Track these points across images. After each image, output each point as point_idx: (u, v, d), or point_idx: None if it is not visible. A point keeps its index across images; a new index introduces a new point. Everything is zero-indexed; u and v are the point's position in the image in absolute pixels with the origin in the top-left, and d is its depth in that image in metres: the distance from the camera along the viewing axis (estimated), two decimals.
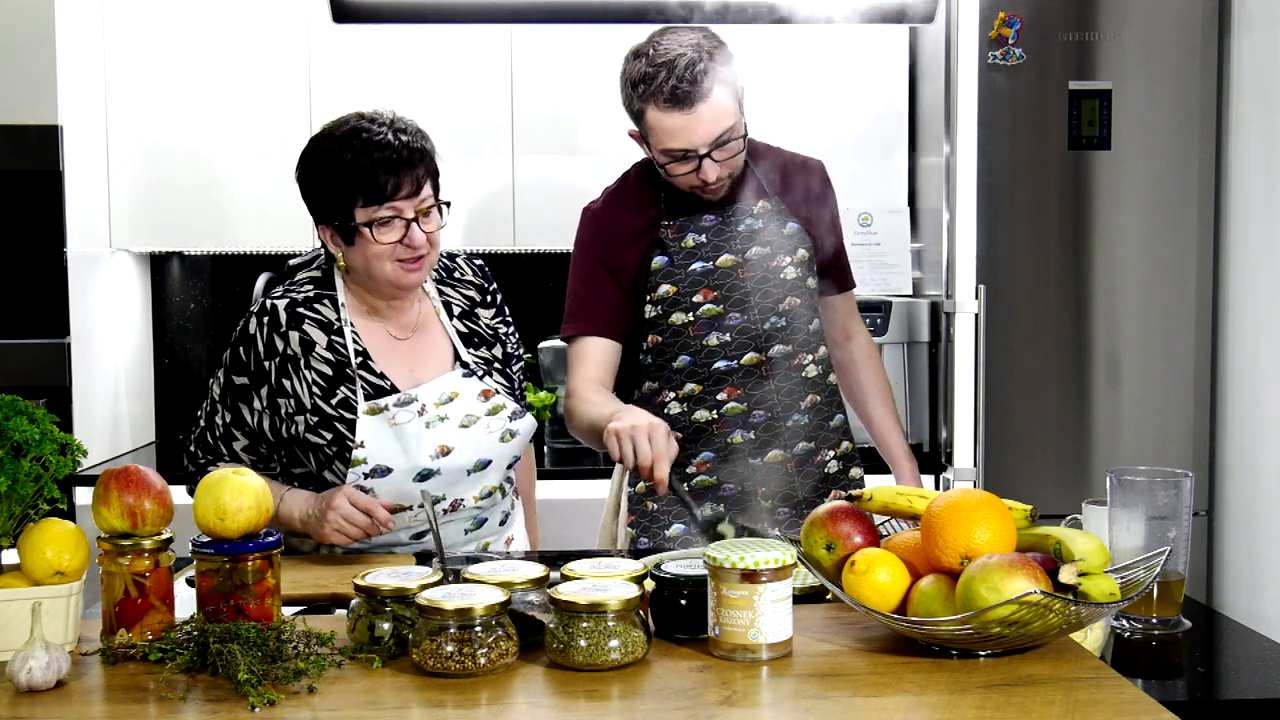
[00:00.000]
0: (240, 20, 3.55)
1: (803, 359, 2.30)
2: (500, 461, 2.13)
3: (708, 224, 2.27)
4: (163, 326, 3.93)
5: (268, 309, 2.06)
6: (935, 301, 3.40)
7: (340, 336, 2.06)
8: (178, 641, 1.46)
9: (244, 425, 2.08)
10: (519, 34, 3.57)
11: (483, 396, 2.11)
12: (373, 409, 2.03)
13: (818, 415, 2.32)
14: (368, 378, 2.06)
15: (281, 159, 3.56)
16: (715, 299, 2.25)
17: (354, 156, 1.98)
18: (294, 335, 2.05)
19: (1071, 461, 3.25)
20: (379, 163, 1.97)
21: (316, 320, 2.07)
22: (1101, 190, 3.22)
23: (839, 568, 1.59)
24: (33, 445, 1.51)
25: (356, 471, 2.02)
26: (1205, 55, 3.21)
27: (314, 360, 2.05)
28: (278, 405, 2.05)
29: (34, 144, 3.24)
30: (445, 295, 2.19)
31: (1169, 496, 1.64)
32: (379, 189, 1.97)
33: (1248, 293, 3.17)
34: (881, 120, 3.66)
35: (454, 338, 2.15)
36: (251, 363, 2.05)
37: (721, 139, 2.15)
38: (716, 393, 2.26)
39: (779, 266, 2.28)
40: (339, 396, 2.04)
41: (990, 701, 1.33)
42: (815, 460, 2.31)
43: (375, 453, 2.02)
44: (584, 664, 1.43)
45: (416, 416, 2.04)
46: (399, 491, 2.04)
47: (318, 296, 2.09)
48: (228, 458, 2.10)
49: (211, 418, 2.10)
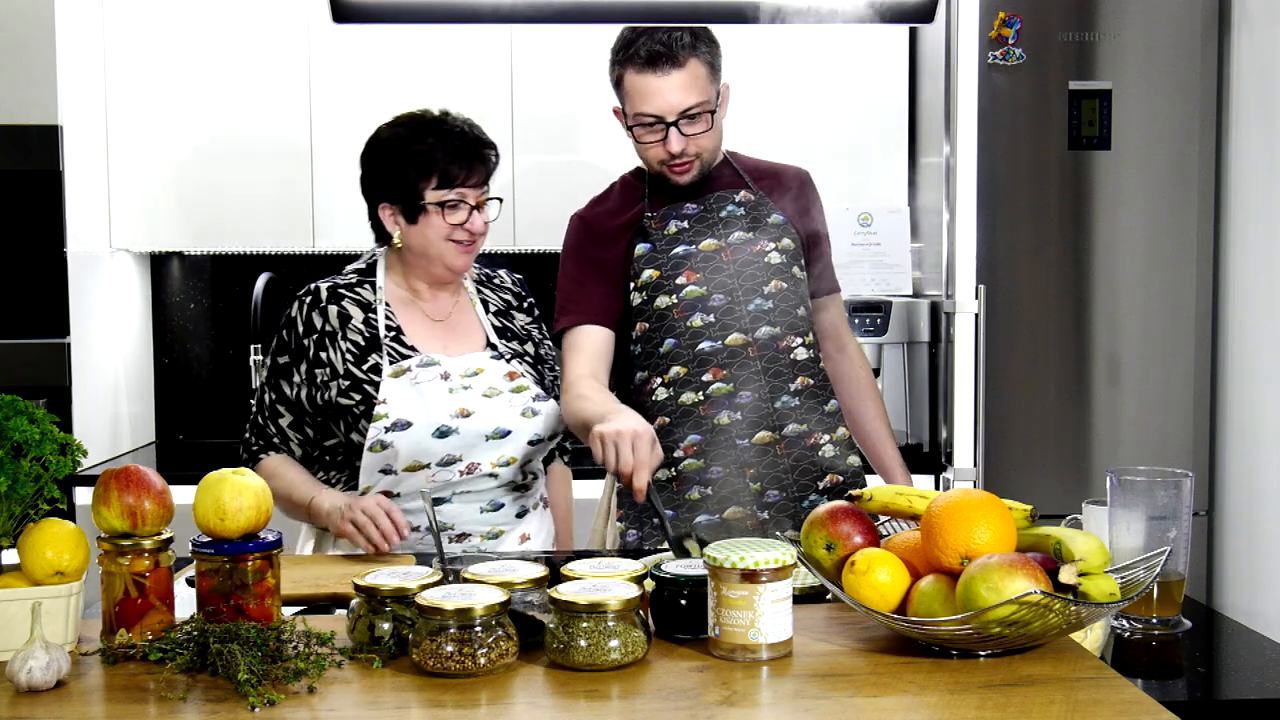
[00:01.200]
0: (240, 20, 3.55)
1: (791, 341, 2.29)
2: (520, 435, 2.22)
3: (690, 212, 2.30)
4: (163, 326, 3.93)
5: (311, 290, 2.26)
6: (935, 301, 3.41)
7: (375, 314, 2.24)
8: (178, 641, 1.46)
9: (287, 401, 2.24)
10: (519, 34, 3.57)
11: (509, 377, 2.25)
12: (397, 370, 2.19)
13: (811, 398, 2.30)
14: (398, 349, 2.22)
15: (281, 159, 3.58)
16: (698, 280, 2.27)
17: (433, 142, 2.20)
18: (333, 310, 2.23)
19: (1071, 461, 3.25)
20: (455, 151, 2.20)
21: (355, 300, 2.26)
22: (1101, 190, 3.22)
23: (839, 568, 1.59)
24: (33, 445, 1.51)
25: (378, 426, 2.14)
26: (1205, 55, 3.21)
27: (349, 332, 2.22)
28: (314, 375, 2.21)
29: (34, 144, 3.24)
30: (483, 294, 2.36)
31: (1169, 496, 1.64)
32: (451, 175, 2.19)
33: (1248, 293, 3.17)
34: (881, 120, 3.66)
35: (487, 327, 2.31)
36: (292, 341, 2.24)
37: (690, 111, 2.21)
38: (702, 374, 2.26)
39: (762, 250, 2.30)
40: (370, 363, 2.20)
41: (990, 701, 1.33)
42: (808, 443, 2.29)
43: (396, 408, 2.15)
44: (584, 664, 1.43)
45: (440, 379, 2.19)
46: (418, 447, 2.15)
47: (359, 282, 2.29)
48: (276, 438, 2.25)
49: (261, 398, 2.27)
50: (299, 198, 3.58)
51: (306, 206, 3.57)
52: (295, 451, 2.25)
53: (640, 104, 2.23)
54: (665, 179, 2.30)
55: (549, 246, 3.61)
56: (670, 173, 2.28)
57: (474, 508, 2.21)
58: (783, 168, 2.42)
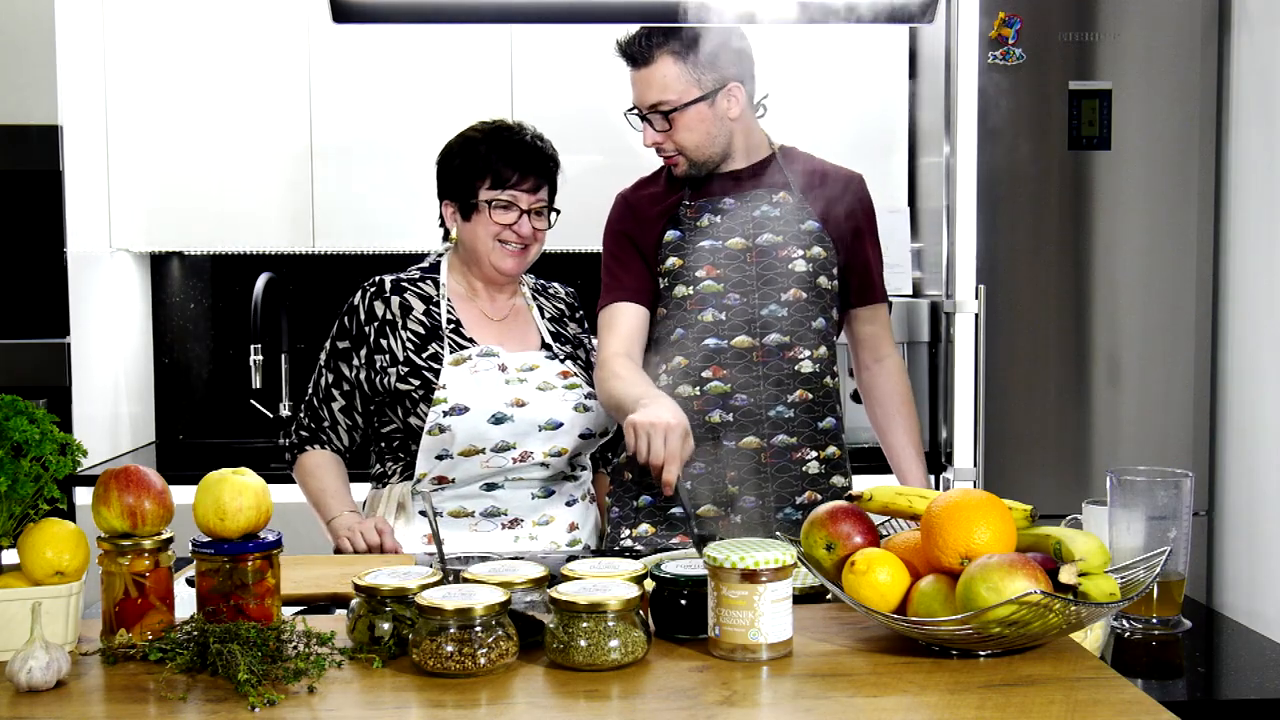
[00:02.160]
0: (240, 20, 3.55)
1: (799, 352, 2.28)
2: (572, 427, 2.31)
3: (726, 207, 2.33)
4: (163, 326, 3.93)
5: (375, 282, 2.37)
6: (935, 301, 3.40)
7: (437, 307, 2.35)
8: (178, 641, 1.46)
9: (343, 384, 2.34)
10: (519, 34, 3.57)
11: (562, 375, 2.35)
12: (457, 359, 2.29)
13: (806, 413, 2.29)
14: (457, 340, 2.32)
15: (282, 159, 3.58)
16: (717, 277, 2.28)
17: (491, 145, 2.34)
18: (394, 300, 2.34)
19: (1071, 461, 3.25)
20: (510, 155, 2.33)
21: (417, 293, 2.37)
22: (1101, 190, 3.22)
23: (839, 568, 1.59)
24: (33, 445, 1.51)
25: (437, 410, 2.24)
26: (1205, 55, 3.21)
27: (410, 322, 2.33)
28: (374, 361, 2.31)
29: (34, 144, 3.24)
30: (539, 301, 2.47)
31: (1169, 496, 1.64)
32: (504, 176, 2.32)
33: (1248, 293, 3.17)
34: (881, 120, 3.66)
35: (543, 330, 2.42)
36: (353, 328, 2.34)
37: (659, 107, 2.28)
38: (702, 369, 2.27)
39: (788, 256, 2.30)
40: (430, 351, 2.30)
41: (990, 701, 1.33)
42: (794, 456, 2.28)
43: (455, 393, 2.25)
44: (584, 664, 1.43)
45: (497, 370, 2.30)
46: (474, 432, 2.24)
47: (422, 278, 2.40)
48: (327, 421, 2.35)
49: (317, 381, 2.38)
50: (299, 198, 3.58)
51: (306, 206, 3.58)
52: (342, 438, 2.36)
53: (632, 95, 2.32)
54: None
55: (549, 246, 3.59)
56: (665, 163, 2.35)
57: (525, 494, 2.31)
58: (834, 169, 2.42)
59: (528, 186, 2.33)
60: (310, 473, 2.34)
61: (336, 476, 2.33)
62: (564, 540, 2.32)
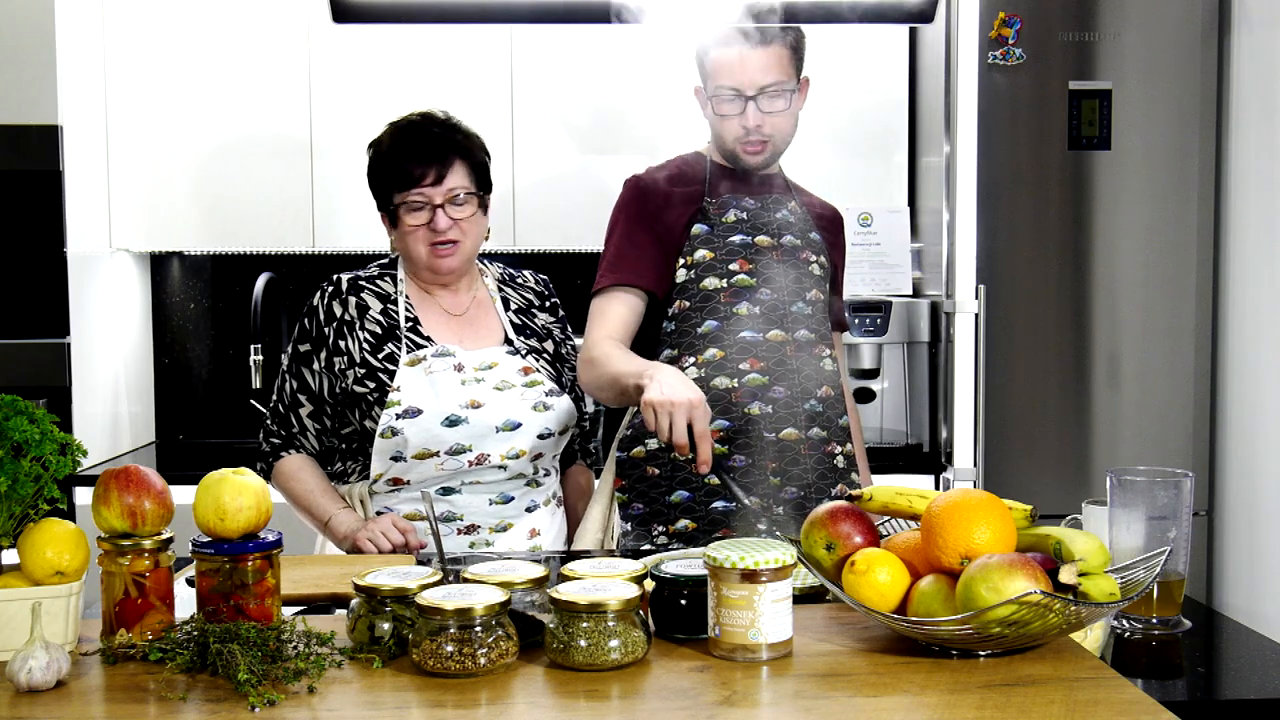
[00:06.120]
0: (240, 20, 3.55)
1: (822, 350, 2.33)
2: (530, 428, 2.24)
3: (749, 205, 2.34)
4: (163, 326, 3.93)
5: (333, 281, 2.30)
6: (935, 301, 3.41)
7: (394, 305, 2.27)
8: (178, 641, 1.46)
9: (308, 390, 2.27)
10: (519, 34, 3.57)
11: (523, 372, 2.28)
12: (413, 360, 2.22)
13: (831, 408, 2.33)
14: (414, 339, 2.25)
15: (281, 159, 3.58)
16: (750, 271, 2.29)
17: (392, 147, 2.25)
18: (352, 300, 2.27)
19: (1071, 461, 3.25)
20: (410, 153, 2.22)
21: (374, 291, 2.29)
22: (1101, 190, 3.22)
23: (839, 568, 1.59)
24: (33, 445, 1.51)
25: (390, 413, 2.18)
26: (1205, 55, 3.21)
27: (368, 322, 2.25)
28: (333, 364, 2.25)
29: (34, 144, 3.24)
30: (505, 292, 2.38)
31: (1169, 496, 1.64)
32: (407, 175, 2.21)
33: (1248, 293, 3.17)
34: (881, 120, 3.66)
35: (506, 325, 2.33)
36: (313, 329, 2.27)
37: (769, 88, 2.26)
38: (740, 361, 2.26)
39: (808, 259, 2.35)
40: (385, 352, 2.23)
41: (990, 701, 1.33)
42: (826, 449, 2.31)
43: (409, 396, 2.19)
44: (584, 664, 1.43)
45: (453, 370, 2.22)
46: (428, 435, 2.18)
47: (380, 275, 2.32)
48: (296, 428, 2.29)
49: (281, 388, 2.31)
50: (299, 198, 3.58)
51: (306, 206, 3.58)
52: (313, 443, 2.29)
53: (722, 77, 2.27)
54: (734, 162, 2.33)
55: (549, 246, 3.61)
56: (743, 152, 2.31)
57: (483, 499, 2.23)
58: (821, 201, 2.48)
59: (431, 180, 2.21)
60: (292, 476, 2.27)
61: (319, 477, 2.27)
62: (523, 548, 2.26)
